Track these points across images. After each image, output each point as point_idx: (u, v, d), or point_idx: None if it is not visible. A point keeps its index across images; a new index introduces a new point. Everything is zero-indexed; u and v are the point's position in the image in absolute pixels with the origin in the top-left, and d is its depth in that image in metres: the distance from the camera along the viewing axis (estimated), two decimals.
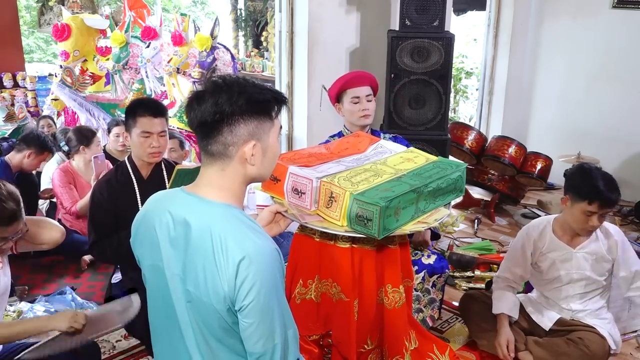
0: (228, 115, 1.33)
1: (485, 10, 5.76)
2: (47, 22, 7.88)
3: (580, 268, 2.66)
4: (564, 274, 2.69)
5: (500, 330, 2.69)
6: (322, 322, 2.34)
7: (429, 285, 2.83)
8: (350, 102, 2.64)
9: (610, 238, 2.65)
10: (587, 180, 2.54)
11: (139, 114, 2.62)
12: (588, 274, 2.66)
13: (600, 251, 2.64)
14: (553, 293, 2.76)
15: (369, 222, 1.76)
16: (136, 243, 1.52)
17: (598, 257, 2.64)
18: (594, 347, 2.54)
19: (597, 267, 2.65)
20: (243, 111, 1.33)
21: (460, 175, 2.09)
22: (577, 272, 2.66)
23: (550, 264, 2.71)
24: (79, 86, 5.58)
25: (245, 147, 1.36)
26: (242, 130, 1.35)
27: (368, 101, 2.65)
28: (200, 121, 1.34)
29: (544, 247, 2.72)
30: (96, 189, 2.74)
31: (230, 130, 1.34)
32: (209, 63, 4.67)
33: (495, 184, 4.79)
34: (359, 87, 2.64)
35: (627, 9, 5.00)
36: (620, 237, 2.66)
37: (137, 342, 2.86)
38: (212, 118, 1.33)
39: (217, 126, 1.34)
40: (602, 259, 2.64)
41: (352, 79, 2.65)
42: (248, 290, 1.28)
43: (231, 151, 1.36)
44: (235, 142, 1.35)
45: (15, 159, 3.85)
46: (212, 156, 1.38)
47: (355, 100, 2.63)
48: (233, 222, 1.34)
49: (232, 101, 1.32)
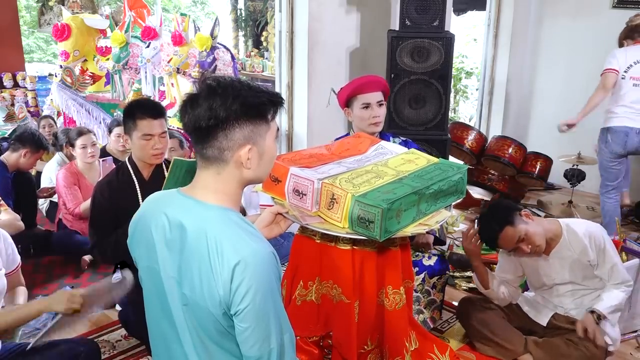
0: (223, 120, 1.31)
1: (485, 10, 5.76)
2: (47, 22, 7.87)
3: (558, 273, 2.68)
4: (546, 279, 2.73)
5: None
6: (322, 323, 2.34)
7: (429, 286, 2.84)
8: (360, 108, 2.59)
9: (580, 243, 2.61)
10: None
11: (138, 117, 2.59)
12: (568, 278, 2.67)
13: (573, 256, 2.62)
14: (545, 293, 2.80)
15: (370, 224, 1.76)
16: (133, 244, 1.52)
17: (573, 262, 2.63)
18: (593, 348, 2.54)
19: (577, 271, 2.65)
20: (238, 115, 1.32)
21: (462, 177, 2.09)
22: (557, 276, 2.69)
23: (532, 270, 2.76)
24: (79, 86, 5.58)
25: (241, 152, 1.34)
26: (238, 134, 1.33)
27: (379, 106, 2.59)
28: (194, 126, 1.33)
29: (522, 257, 2.74)
30: (97, 191, 2.73)
31: (225, 135, 1.32)
32: (209, 63, 4.66)
33: (495, 184, 4.80)
34: (370, 93, 2.57)
35: (627, 9, 5.00)
36: (589, 235, 2.59)
37: (137, 342, 2.86)
38: (207, 123, 1.31)
39: (211, 131, 1.32)
40: (578, 263, 2.63)
41: (363, 85, 2.57)
42: (244, 295, 1.27)
43: (227, 155, 1.35)
44: (230, 147, 1.34)
45: (12, 159, 3.84)
46: (208, 160, 1.36)
47: (365, 106, 2.58)
48: (229, 225, 1.33)
49: (226, 106, 1.30)
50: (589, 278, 2.66)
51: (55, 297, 1.99)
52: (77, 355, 2.16)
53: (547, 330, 2.76)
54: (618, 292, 2.58)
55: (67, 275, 3.63)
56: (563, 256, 2.64)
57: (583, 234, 2.60)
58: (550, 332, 2.74)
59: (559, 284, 2.72)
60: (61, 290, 2.03)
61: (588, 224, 2.69)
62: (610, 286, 2.61)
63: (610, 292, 2.59)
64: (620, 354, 2.76)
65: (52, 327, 1.98)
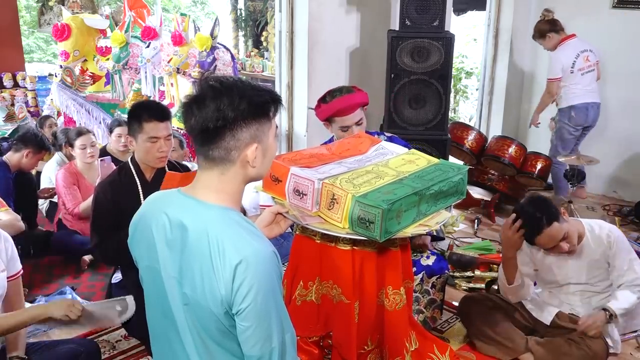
0: (231, 121, 1.31)
1: (485, 10, 5.76)
2: (47, 22, 7.87)
3: (575, 272, 2.67)
4: (560, 279, 2.72)
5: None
6: (322, 323, 2.34)
7: (428, 286, 2.84)
8: (339, 129, 2.57)
9: (601, 242, 2.61)
10: (521, 226, 2.54)
11: (144, 120, 2.58)
12: (584, 279, 2.67)
13: (594, 256, 2.62)
14: (554, 289, 2.80)
15: (370, 225, 1.76)
16: (133, 244, 1.52)
17: (592, 262, 2.63)
18: (595, 347, 2.55)
19: (594, 272, 2.65)
20: (245, 115, 1.32)
21: (462, 178, 2.09)
22: (574, 275, 2.68)
23: (547, 269, 2.74)
24: (79, 86, 5.57)
25: (247, 151, 1.35)
26: (245, 134, 1.34)
27: (358, 125, 2.57)
28: (202, 128, 1.32)
29: (538, 255, 2.74)
30: (99, 191, 2.72)
31: (233, 135, 1.33)
32: (209, 63, 4.66)
33: (495, 184, 4.80)
34: (348, 116, 2.54)
35: (627, 9, 5.00)
36: (613, 238, 2.61)
37: (137, 342, 2.86)
38: (215, 124, 1.31)
39: (219, 132, 1.32)
40: (597, 264, 2.63)
41: (341, 110, 2.54)
42: (245, 294, 1.27)
43: (233, 155, 1.35)
44: (237, 147, 1.34)
45: (14, 159, 3.85)
46: (213, 161, 1.36)
47: (344, 129, 2.56)
48: (230, 225, 1.33)
49: (234, 106, 1.30)
50: (603, 280, 2.66)
51: (56, 303, 2.01)
52: (77, 356, 2.16)
53: (549, 329, 2.76)
54: (631, 295, 2.56)
55: (67, 276, 3.63)
56: (583, 256, 2.64)
57: (605, 235, 2.61)
58: (552, 331, 2.74)
59: (573, 284, 2.71)
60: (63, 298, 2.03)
61: (610, 226, 2.68)
62: (625, 287, 2.59)
63: (624, 292, 2.57)
64: (620, 354, 2.76)
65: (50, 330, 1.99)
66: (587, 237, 2.62)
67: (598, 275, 2.66)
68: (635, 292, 2.57)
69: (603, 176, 5.24)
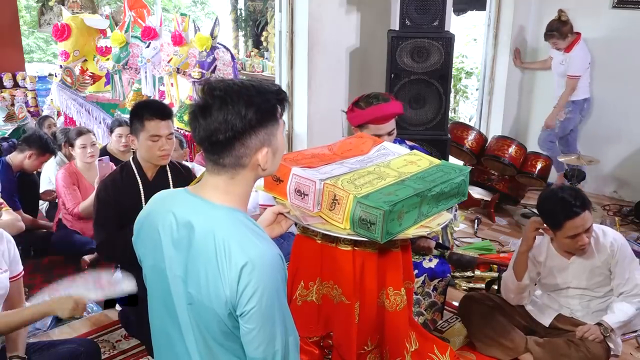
0: (240, 132, 1.31)
1: (485, 10, 5.75)
2: (47, 22, 7.86)
3: (576, 278, 2.68)
4: (561, 282, 2.73)
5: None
6: (322, 324, 2.34)
7: (430, 289, 2.83)
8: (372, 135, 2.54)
9: (605, 250, 2.62)
10: (549, 208, 2.55)
11: (146, 118, 2.61)
12: (584, 285, 2.67)
13: (596, 262, 2.63)
14: (553, 292, 2.80)
15: (372, 226, 1.76)
16: (138, 242, 1.52)
17: (594, 268, 2.64)
18: (594, 349, 2.55)
19: (595, 279, 2.66)
20: (254, 125, 1.32)
21: (464, 179, 2.09)
22: (574, 280, 2.69)
23: (548, 272, 2.75)
24: (79, 86, 5.56)
25: (258, 155, 1.35)
26: (254, 141, 1.34)
27: (389, 135, 2.57)
28: (211, 139, 1.32)
29: (541, 257, 2.74)
30: (101, 189, 2.73)
31: (242, 144, 1.33)
32: (209, 63, 4.66)
33: (495, 184, 4.79)
34: (383, 125, 2.54)
35: (627, 9, 4.99)
36: (616, 247, 2.62)
37: (137, 342, 2.86)
38: (225, 136, 1.30)
39: (229, 143, 1.32)
40: (598, 270, 2.64)
41: (378, 119, 2.54)
42: (250, 296, 1.27)
43: (244, 161, 1.35)
44: (248, 153, 1.34)
45: (17, 160, 3.85)
46: (224, 167, 1.36)
47: (377, 136, 2.51)
48: (237, 227, 1.33)
49: (241, 116, 1.29)
50: (603, 286, 2.67)
51: (60, 302, 2.00)
52: (77, 356, 2.17)
53: (549, 331, 2.76)
54: (629, 307, 2.58)
55: (67, 275, 3.60)
56: (585, 261, 2.64)
57: (609, 244, 2.62)
58: (552, 333, 2.74)
59: (573, 288, 2.71)
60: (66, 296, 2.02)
61: (614, 233, 2.69)
62: (624, 297, 2.61)
63: (621, 305, 2.60)
64: (620, 354, 2.76)
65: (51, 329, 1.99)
66: (591, 243, 2.62)
67: (599, 282, 2.67)
68: (633, 303, 2.60)
69: (603, 176, 5.24)
